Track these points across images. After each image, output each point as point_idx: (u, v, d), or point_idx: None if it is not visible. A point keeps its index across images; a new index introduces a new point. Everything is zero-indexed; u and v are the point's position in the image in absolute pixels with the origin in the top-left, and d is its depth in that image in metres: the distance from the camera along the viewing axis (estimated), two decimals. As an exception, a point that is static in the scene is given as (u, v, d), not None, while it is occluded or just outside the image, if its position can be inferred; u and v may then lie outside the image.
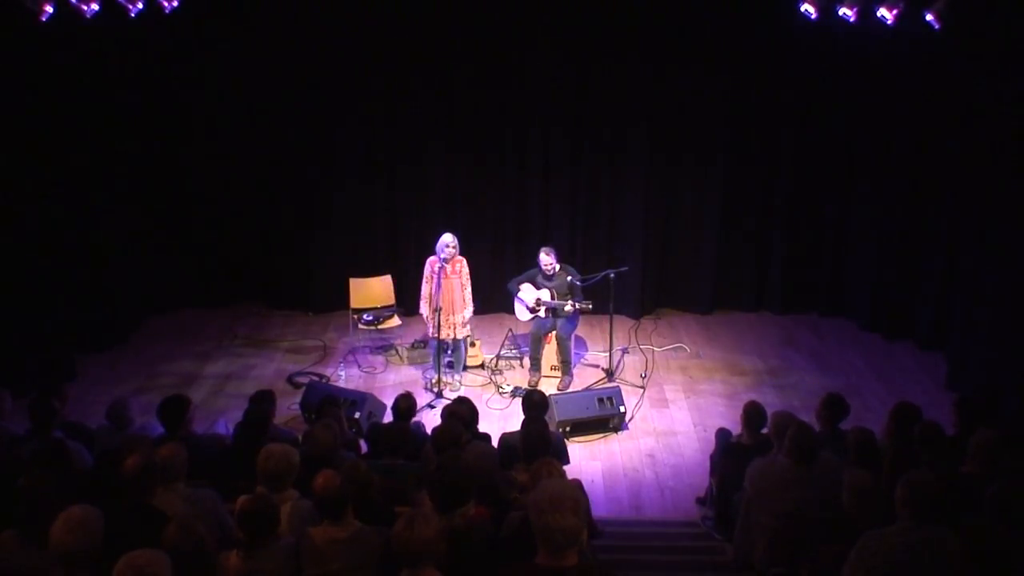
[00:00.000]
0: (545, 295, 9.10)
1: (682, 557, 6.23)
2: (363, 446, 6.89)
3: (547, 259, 9.03)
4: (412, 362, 9.70)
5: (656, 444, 8.16)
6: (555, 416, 7.94)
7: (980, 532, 4.41)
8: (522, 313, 9.33)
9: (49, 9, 7.44)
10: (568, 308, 8.91)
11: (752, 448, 6.05)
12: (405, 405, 6.51)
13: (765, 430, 6.17)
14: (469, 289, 8.92)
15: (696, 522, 6.91)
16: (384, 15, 10.03)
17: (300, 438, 6.41)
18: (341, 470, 4.73)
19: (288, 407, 8.52)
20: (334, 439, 5.65)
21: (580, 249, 10.68)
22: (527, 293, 9.22)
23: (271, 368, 9.66)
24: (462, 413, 6.19)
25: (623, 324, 10.46)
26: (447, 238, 8.73)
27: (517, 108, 10.36)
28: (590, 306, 9.00)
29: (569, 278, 9.06)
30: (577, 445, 7.92)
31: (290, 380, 9.29)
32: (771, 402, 7.89)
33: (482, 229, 10.71)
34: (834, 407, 6.25)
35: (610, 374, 9.30)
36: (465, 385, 9.11)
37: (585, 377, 9.37)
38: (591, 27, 10.08)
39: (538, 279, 9.17)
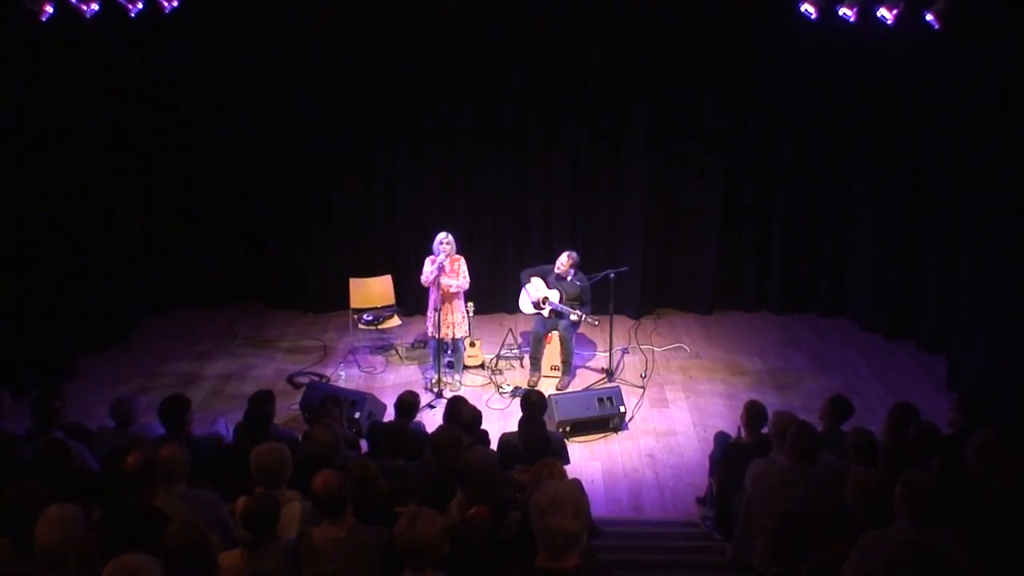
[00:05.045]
0: (554, 296, 9.08)
1: (682, 557, 6.24)
2: (364, 446, 6.90)
3: (564, 260, 9.00)
4: (412, 362, 9.71)
5: (656, 444, 8.16)
6: (555, 416, 7.94)
7: (980, 532, 4.42)
8: (525, 305, 9.32)
9: (49, 9, 7.44)
10: (574, 318, 8.91)
11: (752, 448, 6.05)
12: (408, 402, 6.50)
13: (765, 430, 6.17)
14: (467, 282, 8.90)
15: (696, 522, 6.91)
16: (384, 15, 10.03)
17: (300, 438, 6.42)
18: (349, 468, 4.74)
19: (288, 407, 8.52)
20: (334, 439, 5.66)
21: (580, 249, 10.59)
22: (535, 287, 9.20)
23: (271, 368, 9.66)
24: (463, 415, 6.19)
25: (623, 324, 10.46)
26: (441, 235, 8.75)
27: (517, 109, 10.35)
28: (596, 323, 9.03)
29: (577, 282, 9.05)
30: (577, 445, 7.92)
31: (290, 380, 9.29)
32: (771, 402, 7.88)
33: (482, 229, 10.71)
34: (838, 408, 6.25)
35: (610, 374, 9.30)
36: (465, 385, 9.11)
37: (585, 377, 9.37)
38: (591, 28, 10.09)
39: (550, 277, 9.16)
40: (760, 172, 10.64)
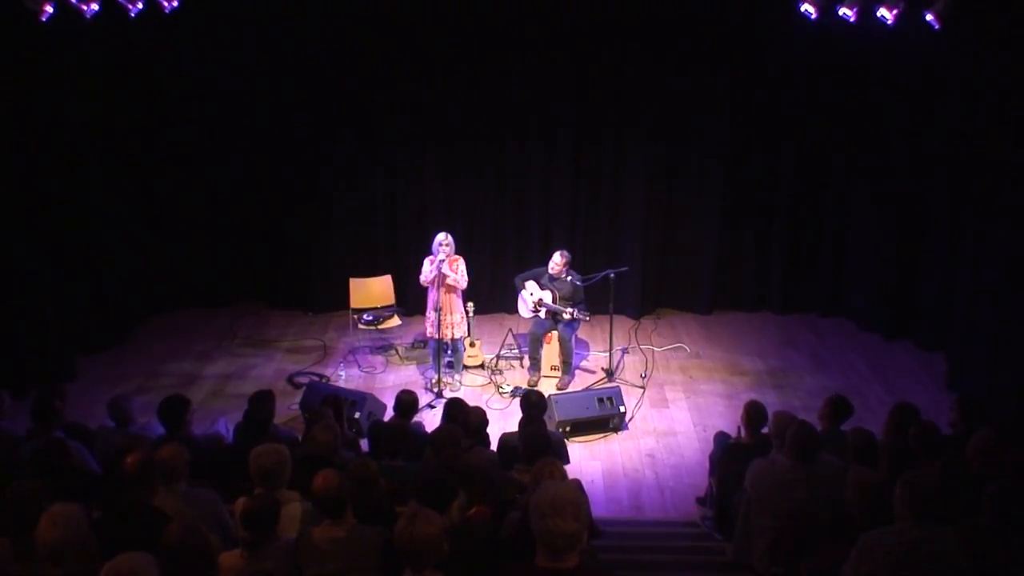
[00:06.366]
0: (548, 297, 9.09)
1: (682, 557, 6.23)
2: (364, 446, 6.90)
3: (558, 260, 9.01)
4: (412, 362, 9.71)
5: (656, 444, 8.16)
6: (555, 416, 7.94)
7: (980, 532, 4.42)
8: (523, 309, 9.33)
9: (49, 9, 7.44)
10: (566, 316, 8.91)
11: (752, 448, 6.05)
12: (407, 400, 6.51)
13: (765, 430, 6.17)
14: (466, 281, 8.89)
15: (696, 522, 6.90)
16: (384, 15, 10.03)
17: (300, 438, 6.42)
18: (349, 468, 4.74)
19: (288, 407, 8.52)
20: (334, 439, 5.66)
21: (580, 249, 10.65)
22: (530, 291, 9.21)
23: (271, 368, 9.66)
24: (469, 420, 6.20)
25: (623, 324, 10.46)
26: (440, 236, 8.75)
27: (517, 109, 10.35)
28: (588, 318, 9.04)
29: (572, 280, 9.04)
30: (577, 445, 7.92)
31: (290, 380, 9.29)
32: (771, 402, 7.88)
33: (482, 229, 10.71)
34: (838, 408, 6.25)
35: (610, 374, 9.30)
36: (465, 385, 9.11)
37: (585, 377, 9.37)
38: (591, 28, 10.08)
39: (543, 279, 9.17)
40: (760, 172, 10.64)
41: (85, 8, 7.62)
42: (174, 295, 10.92)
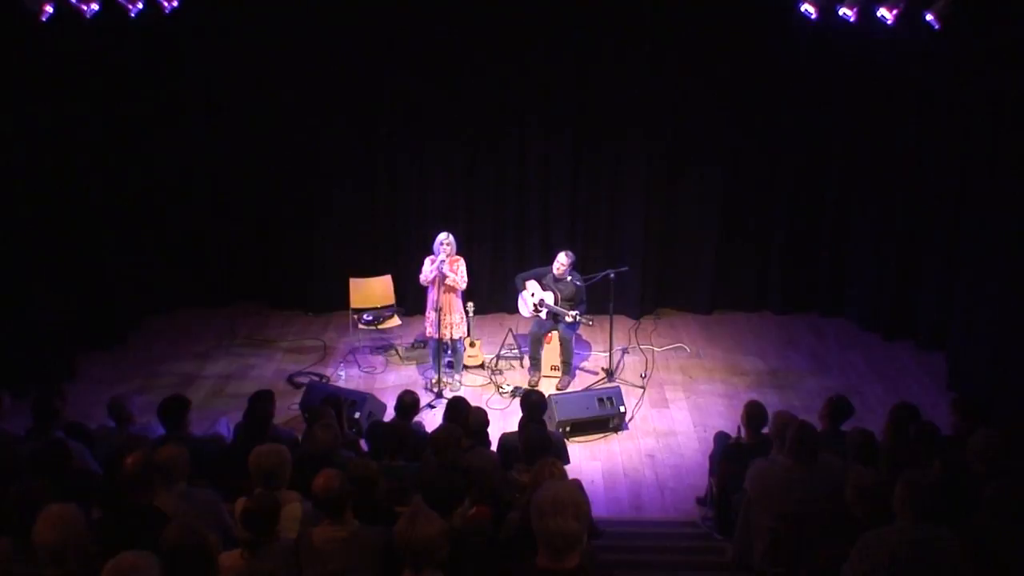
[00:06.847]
0: (549, 298, 9.07)
1: (682, 557, 6.24)
2: (364, 446, 6.90)
3: (564, 260, 8.99)
4: (412, 362, 9.70)
5: (656, 444, 8.17)
6: (555, 416, 7.94)
7: (980, 532, 4.42)
8: (524, 309, 9.33)
9: (49, 9, 7.44)
10: (568, 319, 8.90)
11: (752, 448, 6.06)
12: (408, 401, 6.51)
13: (765, 430, 6.17)
14: (465, 282, 8.88)
15: (696, 522, 6.91)
16: (384, 15, 10.03)
17: (300, 438, 6.43)
18: (349, 468, 4.74)
19: (288, 407, 8.52)
20: (334, 439, 5.67)
21: (580, 249, 10.63)
22: (531, 291, 9.21)
23: (271, 368, 9.66)
24: (469, 424, 6.20)
25: (623, 324, 10.46)
26: (442, 236, 8.74)
27: (517, 109, 10.35)
28: (591, 323, 9.04)
29: (574, 281, 9.04)
30: (577, 445, 7.92)
31: (290, 380, 9.29)
32: (771, 402, 7.87)
33: (482, 229, 10.71)
34: (838, 408, 6.25)
35: (610, 374, 9.30)
36: (465, 385, 9.11)
37: (585, 377, 9.37)
38: (592, 28, 10.08)
39: (546, 278, 9.17)
40: (760, 172, 10.63)
41: (85, 8, 7.60)
42: (174, 295, 10.92)
